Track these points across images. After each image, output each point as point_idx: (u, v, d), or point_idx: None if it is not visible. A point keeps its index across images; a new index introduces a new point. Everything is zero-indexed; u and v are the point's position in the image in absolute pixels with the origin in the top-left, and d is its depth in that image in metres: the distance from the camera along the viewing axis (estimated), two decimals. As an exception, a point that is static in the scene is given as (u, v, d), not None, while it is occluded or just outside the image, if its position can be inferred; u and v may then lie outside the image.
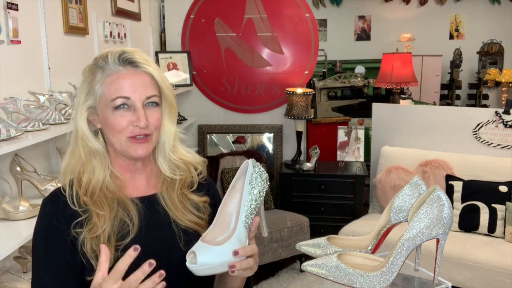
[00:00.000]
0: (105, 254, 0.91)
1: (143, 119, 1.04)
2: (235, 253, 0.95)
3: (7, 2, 1.83)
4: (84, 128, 1.07)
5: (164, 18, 4.07)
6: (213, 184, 1.24)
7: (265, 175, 1.03)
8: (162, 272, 0.89)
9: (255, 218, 1.01)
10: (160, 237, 1.08)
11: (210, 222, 1.10)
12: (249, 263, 0.98)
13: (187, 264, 0.95)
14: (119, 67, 1.05)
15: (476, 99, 7.20)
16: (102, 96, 1.05)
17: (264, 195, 1.02)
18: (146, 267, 0.88)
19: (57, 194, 1.07)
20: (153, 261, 0.89)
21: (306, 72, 4.00)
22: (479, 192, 3.01)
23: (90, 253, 1.00)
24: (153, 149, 1.11)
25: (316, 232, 3.52)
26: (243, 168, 1.03)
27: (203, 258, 0.94)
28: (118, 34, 3.00)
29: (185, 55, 3.94)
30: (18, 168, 1.83)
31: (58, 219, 1.03)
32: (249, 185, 1.01)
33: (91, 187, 1.05)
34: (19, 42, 1.94)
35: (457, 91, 7.16)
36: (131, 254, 0.89)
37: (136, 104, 1.04)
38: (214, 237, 1.00)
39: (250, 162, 1.02)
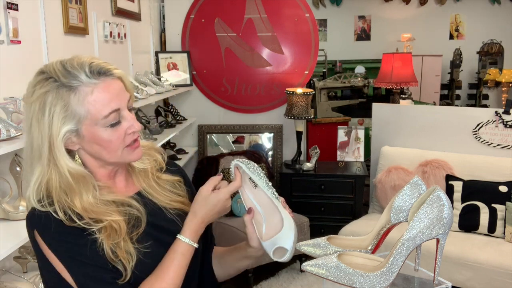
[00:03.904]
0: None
1: (137, 122, 1.04)
2: (249, 210, 1.13)
3: (7, 2, 1.83)
4: (68, 162, 1.00)
5: (164, 18, 4.07)
6: (182, 169, 1.30)
7: (252, 163, 1.15)
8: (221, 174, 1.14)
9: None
10: (164, 222, 1.12)
11: (189, 199, 1.19)
12: None
13: (275, 259, 1.10)
14: (95, 81, 0.99)
15: (476, 99, 7.20)
16: (87, 117, 0.98)
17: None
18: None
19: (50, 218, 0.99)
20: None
21: (306, 72, 4.00)
22: (479, 192, 3.00)
23: (110, 255, 0.98)
24: None
25: (316, 232, 3.52)
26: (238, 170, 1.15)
27: (285, 244, 1.09)
28: (118, 34, 3.00)
29: (185, 55, 3.94)
30: (18, 168, 1.83)
31: (70, 221, 0.99)
32: (256, 177, 1.14)
33: (89, 209, 1.01)
34: (19, 42, 1.93)
35: (457, 91, 7.16)
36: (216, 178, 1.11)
37: (124, 112, 1.03)
38: (270, 231, 1.12)
39: (239, 163, 1.14)
